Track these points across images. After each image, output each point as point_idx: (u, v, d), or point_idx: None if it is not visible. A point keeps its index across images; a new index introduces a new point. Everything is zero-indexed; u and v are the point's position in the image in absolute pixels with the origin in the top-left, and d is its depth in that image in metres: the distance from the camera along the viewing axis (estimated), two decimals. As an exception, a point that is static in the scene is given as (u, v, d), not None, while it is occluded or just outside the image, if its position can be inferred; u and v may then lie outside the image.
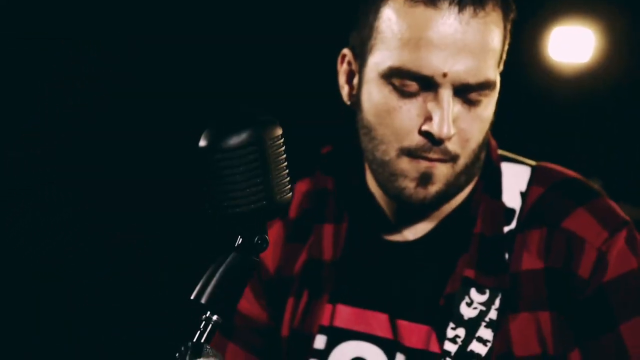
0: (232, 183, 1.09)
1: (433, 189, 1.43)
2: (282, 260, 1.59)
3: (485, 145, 1.48)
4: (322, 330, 1.52)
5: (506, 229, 1.49)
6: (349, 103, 1.53)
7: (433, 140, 1.40)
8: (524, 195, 1.51)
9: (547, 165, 1.56)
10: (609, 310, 1.43)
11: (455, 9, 1.37)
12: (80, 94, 3.44)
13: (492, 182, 1.53)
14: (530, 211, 1.48)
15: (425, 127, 1.40)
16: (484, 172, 1.52)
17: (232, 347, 1.58)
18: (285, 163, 1.13)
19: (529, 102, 3.88)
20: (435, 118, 1.39)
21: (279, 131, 1.12)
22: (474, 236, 1.49)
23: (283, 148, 1.13)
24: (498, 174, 1.54)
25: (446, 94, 1.39)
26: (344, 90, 1.53)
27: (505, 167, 1.55)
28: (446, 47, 1.38)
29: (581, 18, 3.89)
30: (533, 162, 1.56)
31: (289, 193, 1.13)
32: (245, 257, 1.13)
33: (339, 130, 1.63)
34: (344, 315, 1.52)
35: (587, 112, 4.07)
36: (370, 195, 1.56)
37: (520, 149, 1.62)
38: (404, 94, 1.41)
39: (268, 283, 1.59)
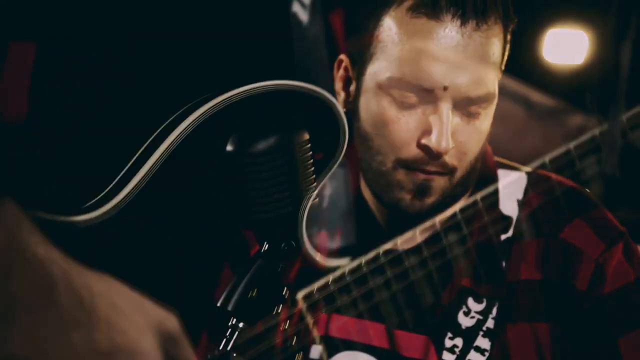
0: (260, 189, 1.07)
1: (429, 200, 1.42)
2: None
3: (482, 155, 1.47)
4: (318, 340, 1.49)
5: (503, 237, 1.47)
6: (344, 110, 1.47)
7: (431, 154, 1.39)
8: (521, 203, 1.49)
9: (544, 172, 1.52)
10: (606, 323, 1.42)
11: (457, 22, 1.36)
12: (80, 94, 3.43)
13: (488, 190, 1.51)
14: (528, 220, 1.47)
15: (423, 141, 1.38)
16: (481, 179, 1.50)
17: None
18: (312, 168, 1.10)
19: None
20: (434, 132, 1.37)
21: (306, 136, 1.10)
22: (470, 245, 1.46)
23: (310, 153, 1.10)
24: (495, 182, 1.51)
25: (446, 107, 1.37)
26: (340, 97, 1.51)
27: (502, 174, 1.54)
28: (447, 60, 1.36)
29: (575, 20, 3.89)
30: (530, 169, 1.55)
31: (316, 199, 1.10)
32: (271, 263, 1.11)
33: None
34: (340, 325, 1.50)
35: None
36: (364, 204, 1.54)
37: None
38: (403, 105, 1.39)
39: None
